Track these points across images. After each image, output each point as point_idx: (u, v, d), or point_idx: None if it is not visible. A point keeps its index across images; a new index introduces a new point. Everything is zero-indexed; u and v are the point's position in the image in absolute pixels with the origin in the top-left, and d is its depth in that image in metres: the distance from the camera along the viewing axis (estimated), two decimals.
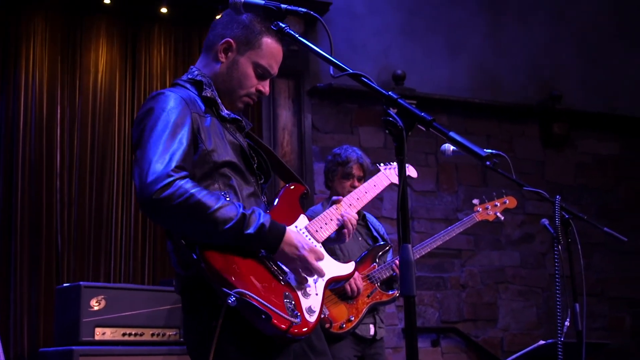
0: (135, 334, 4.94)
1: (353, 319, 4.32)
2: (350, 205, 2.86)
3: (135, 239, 6.27)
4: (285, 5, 2.36)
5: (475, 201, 4.77)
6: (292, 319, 2.34)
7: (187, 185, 2.33)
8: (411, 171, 3.57)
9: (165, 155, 2.35)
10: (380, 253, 4.53)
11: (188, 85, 2.63)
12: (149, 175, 2.30)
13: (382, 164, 3.42)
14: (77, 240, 6.10)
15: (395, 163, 3.41)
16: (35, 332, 5.82)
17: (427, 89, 7.43)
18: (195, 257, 2.36)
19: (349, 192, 4.47)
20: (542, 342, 4.21)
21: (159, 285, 5.56)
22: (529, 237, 7.70)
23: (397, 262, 4.38)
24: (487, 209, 4.74)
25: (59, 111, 6.22)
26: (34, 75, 6.17)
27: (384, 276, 4.44)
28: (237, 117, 2.70)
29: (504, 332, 7.50)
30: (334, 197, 2.88)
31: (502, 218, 4.81)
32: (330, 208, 2.77)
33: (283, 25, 2.37)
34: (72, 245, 6.07)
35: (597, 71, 8.30)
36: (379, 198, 7.12)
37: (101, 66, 6.43)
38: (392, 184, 3.28)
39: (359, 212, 4.67)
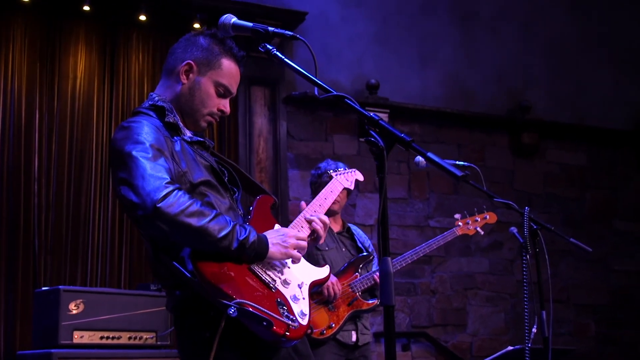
0: (113, 338, 4.99)
1: (334, 325, 4.47)
2: (315, 212, 2.97)
3: (112, 243, 6.34)
4: (272, 28, 2.48)
5: (457, 215, 4.85)
6: (291, 323, 2.47)
7: (186, 195, 2.45)
8: (358, 175, 3.70)
9: (156, 170, 2.45)
10: (363, 263, 4.69)
11: (151, 112, 2.72)
12: (147, 187, 2.40)
13: (332, 171, 3.58)
14: (55, 244, 6.16)
15: (342, 169, 3.65)
16: (12, 335, 5.88)
17: (400, 98, 7.59)
18: (188, 274, 2.47)
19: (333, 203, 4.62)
20: (510, 347, 4.35)
21: (136, 290, 5.62)
22: (497, 244, 7.87)
23: (377, 273, 4.52)
24: (467, 223, 4.82)
25: (37, 116, 6.28)
26: (12, 80, 6.22)
27: (365, 286, 4.60)
28: (199, 139, 2.80)
29: (472, 337, 7.67)
30: (301, 205, 2.99)
31: (482, 233, 4.91)
32: (299, 216, 2.88)
33: (270, 47, 2.48)
34: (50, 249, 6.13)
35: (566, 82, 8.52)
36: (351, 205, 7.26)
37: (80, 72, 6.50)
38: (344, 188, 3.44)
39: (343, 225, 4.85)
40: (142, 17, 6.61)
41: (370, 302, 4.62)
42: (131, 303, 5.11)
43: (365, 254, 4.74)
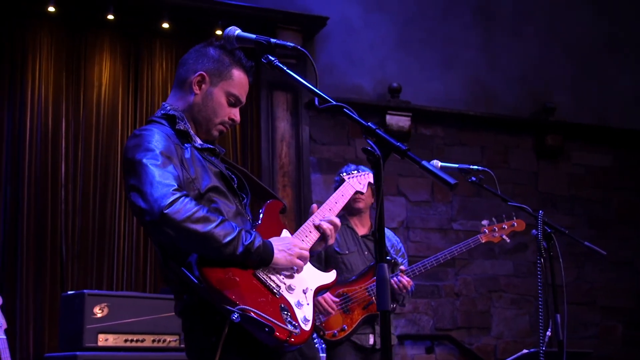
0: (137, 340, 5.08)
1: (346, 328, 4.50)
2: (324, 217, 3.00)
3: (137, 248, 6.45)
4: (275, 40, 2.54)
5: (484, 222, 4.76)
6: (292, 329, 2.53)
7: (192, 201, 2.52)
8: (370, 178, 3.73)
9: (164, 177, 2.53)
10: None
11: (163, 121, 2.80)
12: (155, 193, 2.48)
13: (344, 174, 3.62)
14: (81, 249, 6.29)
15: (355, 172, 3.61)
16: (40, 338, 6.01)
17: (422, 101, 7.61)
18: (195, 280, 2.54)
19: (354, 200, 4.67)
20: (525, 351, 4.37)
21: (160, 293, 5.71)
22: (522, 246, 7.85)
23: (395, 279, 4.53)
24: (494, 230, 4.73)
25: (63, 124, 6.41)
26: (39, 89, 6.36)
27: None
28: (209, 145, 2.87)
29: (497, 340, 7.66)
30: (312, 207, 3.03)
31: (509, 241, 4.81)
32: (308, 220, 2.93)
33: (272, 59, 2.54)
34: (76, 254, 6.26)
35: (590, 83, 8.47)
36: (372, 207, 7.29)
37: (104, 80, 6.62)
38: (357, 191, 3.48)
39: (370, 227, 4.84)
40: (165, 25, 6.72)
41: None
42: (154, 306, 5.20)
43: (387, 258, 4.74)
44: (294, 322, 2.58)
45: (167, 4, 6.69)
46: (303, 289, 2.74)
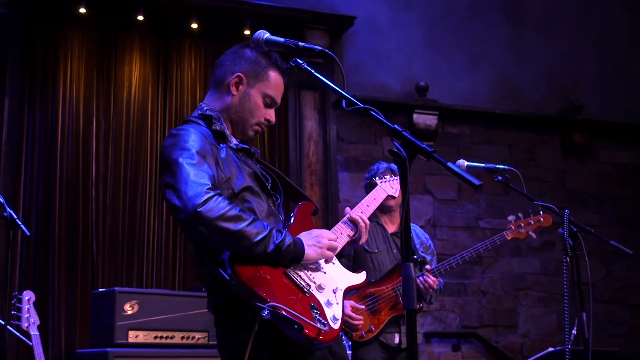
0: (166, 337, 5.17)
1: (373, 329, 4.52)
2: (346, 224, 3.06)
3: (167, 246, 6.54)
4: (303, 43, 2.58)
5: (511, 217, 4.74)
6: (321, 327, 2.58)
7: (225, 200, 2.58)
8: (395, 184, 3.78)
9: (199, 177, 2.59)
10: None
11: (199, 121, 2.87)
12: (189, 192, 2.54)
13: (377, 178, 3.66)
14: (111, 247, 6.38)
15: (388, 177, 3.71)
16: (72, 334, 6.12)
17: (449, 100, 7.63)
18: (227, 277, 2.61)
19: (387, 199, 4.69)
20: (551, 349, 4.38)
21: (189, 291, 5.79)
22: (549, 244, 7.84)
23: (420, 278, 4.54)
24: (520, 226, 4.70)
25: (94, 123, 6.51)
26: (71, 89, 6.47)
27: None
28: (245, 146, 2.93)
29: (524, 338, 7.66)
30: (346, 210, 3.08)
31: (535, 237, 4.78)
32: (340, 223, 2.98)
33: (301, 62, 2.59)
34: (107, 252, 6.36)
35: (617, 81, 8.43)
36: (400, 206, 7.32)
37: (134, 80, 6.71)
38: (389, 195, 3.53)
39: (400, 225, 4.86)
40: (194, 26, 6.80)
41: None
42: (184, 303, 5.28)
43: (413, 257, 4.72)
44: (323, 321, 2.63)
45: (196, 5, 6.77)
46: (333, 288, 2.79)
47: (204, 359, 5.21)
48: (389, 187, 3.54)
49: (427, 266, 4.65)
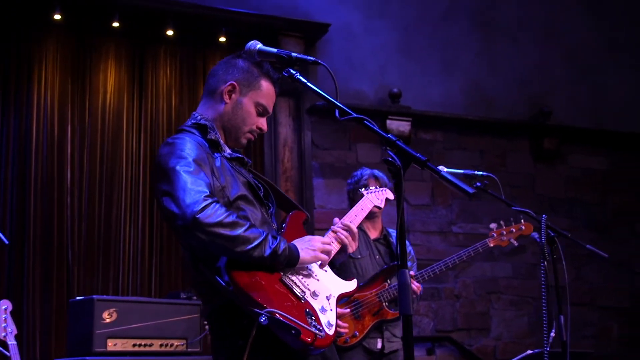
0: (145, 345, 5.13)
1: (358, 334, 4.58)
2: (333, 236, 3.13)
3: (143, 253, 6.53)
4: (296, 54, 2.63)
5: (493, 225, 4.84)
6: (318, 333, 2.63)
7: (223, 207, 2.63)
8: (389, 194, 3.88)
9: (196, 184, 2.63)
10: (393, 272, 4.69)
11: (193, 130, 2.92)
12: (187, 199, 2.59)
13: (364, 190, 3.76)
14: (87, 254, 6.36)
15: (374, 187, 3.86)
16: (47, 343, 6.07)
17: (422, 106, 7.71)
18: (224, 283, 2.65)
19: None
20: (529, 351, 4.46)
21: (167, 298, 5.78)
22: (520, 248, 7.94)
23: None
24: (502, 234, 4.81)
25: (69, 130, 6.49)
26: (45, 96, 6.44)
27: (392, 295, 4.65)
28: (239, 155, 2.99)
29: (496, 341, 7.76)
30: (334, 220, 3.14)
31: (516, 244, 4.88)
32: (328, 233, 3.04)
33: (293, 72, 2.64)
34: (82, 259, 6.33)
35: (586, 87, 8.59)
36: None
37: (109, 87, 6.69)
38: (375, 206, 3.62)
39: (382, 231, 4.93)
40: (170, 32, 6.80)
41: (394, 311, 4.68)
42: (162, 311, 5.26)
43: (396, 263, 4.74)
44: (318, 326, 2.67)
45: (172, 12, 6.78)
46: (326, 295, 2.84)
47: None
48: (375, 197, 3.63)
49: (411, 272, 4.71)
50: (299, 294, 2.74)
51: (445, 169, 4.35)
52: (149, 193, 6.65)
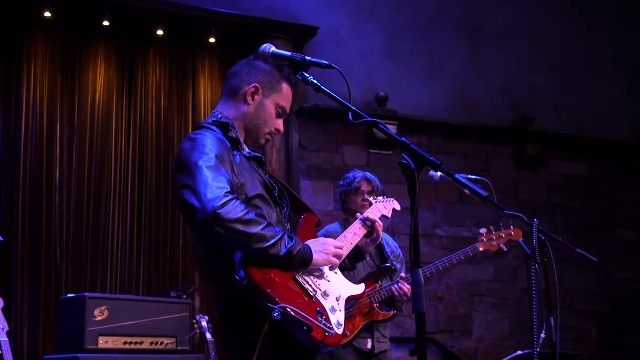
0: (136, 343, 5.17)
1: (348, 334, 4.62)
2: (355, 234, 3.25)
3: (131, 252, 6.54)
4: (310, 58, 2.69)
5: (483, 230, 4.90)
6: (328, 331, 2.70)
7: (242, 204, 2.69)
8: (395, 204, 3.99)
9: (218, 180, 2.69)
10: (385, 274, 4.78)
11: (214, 127, 2.97)
12: (209, 194, 2.64)
13: (372, 198, 3.86)
14: (75, 252, 6.36)
15: (382, 197, 3.98)
16: (35, 340, 6.07)
17: (408, 110, 7.80)
18: (238, 278, 2.71)
19: (362, 206, 4.84)
20: (519, 352, 4.54)
21: (157, 296, 5.81)
22: (502, 252, 8.03)
23: (395, 286, 4.68)
24: (491, 239, 4.87)
25: (58, 128, 6.48)
26: (34, 94, 6.43)
27: (383, 297, 4.71)
28: (257, 154, 3.06)
29: (478, 343, 7.86)
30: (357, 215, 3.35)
31: (505, 249, 4.94)
32: (348, 230, 3.21)
33: (307, 75, 2.70)
34: (70, 257, 6.33)
35: (569, 95, 8.73)
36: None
37: (99, 85, 6.70)
38: (382, 215, 3.74)
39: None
40: (160, 32, 6.82)
41: (385, 312, 4.75)
42: (152, 309, 5.30)
43: (387, 265, 4.81)
44: (328, 325, 2.74)
45: (162, 12, 6.80)
46: (336, 296, 2.92)
47: None
48: (383, 207, 3.76)
49: (402, 274, 4.78)
50: (310, 293, 2.81)
51: (439, 173, 4.43)
52: (137, 191, 6.67)
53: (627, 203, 8.82)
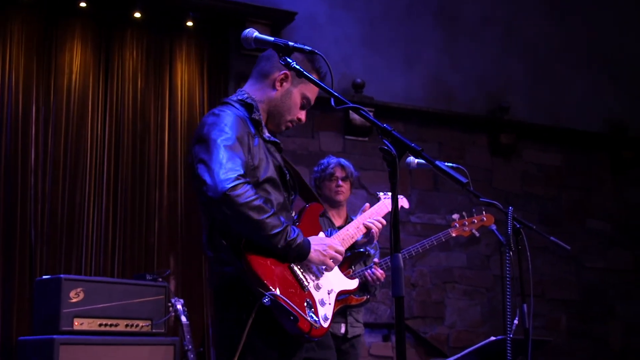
0: (111, 325, 5.19)
1: None
2: (358, 227, 3.33)
3: (106, 234, 6.52)
4: (293, 43, 2.71)
5: (455, 216, 4.95)
6: (314, 324, 2.78)
7: (253, 189, 2.74)
8: (403, 202, 4.04)
9: (232, 161, 2.74)
10: (359, 259, 4.80)
11: (238, 106, 3.01)
12: (222, 174, 2.69)
13: (381, 193, 3.92)
14: (50, 234, 6.33)
15: (390, 193, 3.96)
16: (9, 322, 6.04)
17: (384, 97, 7.84)
18: (236, 258, 2.77)
19: (336, 192, 4.89)
20: (493, 338, 4.60)
21: (133, 279, 5.82)
22: (475, 239, 8.14)
23: (369, 271, 4.73)
24: (464, 225, 4.92)
25: (33, 110, 6.44)
26: (10, 75, 6.38)
27: None
28: (276, 140, 3.11)
29: (450, 329, 7.95)
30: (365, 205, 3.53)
31: (478, 235, 5.00)
32: (349, 226, 3.34)
33: (290, 61, 2.72)
34: (45, 239, 6.30)
35: (544, 85, 8.81)
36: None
37: (75, 67, 6.65)
38: (388, 212, 3.80)
39: (346, 219, 5.05)
40: (137, 15, 6.78)
41: (358, 297, 4.78)
42: (128, 292, 5.32)
43: (360, 250, 4.87)
44: (315, 317, 2.79)
45: None
46: (328, 289, 2.98)
47: (147, 346, 5.26)
48: (390, 204, 3.81)
49: (375, 259, 4.82)
50: (304, 284, 2.87)
51: (417, 160, 4.47)
52: (113, 174, 6.64)
53: (599, 194, 8.94)
